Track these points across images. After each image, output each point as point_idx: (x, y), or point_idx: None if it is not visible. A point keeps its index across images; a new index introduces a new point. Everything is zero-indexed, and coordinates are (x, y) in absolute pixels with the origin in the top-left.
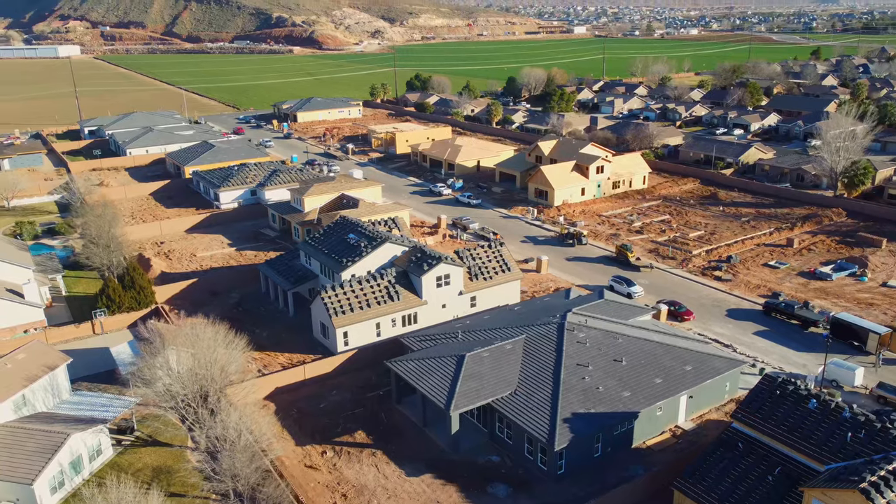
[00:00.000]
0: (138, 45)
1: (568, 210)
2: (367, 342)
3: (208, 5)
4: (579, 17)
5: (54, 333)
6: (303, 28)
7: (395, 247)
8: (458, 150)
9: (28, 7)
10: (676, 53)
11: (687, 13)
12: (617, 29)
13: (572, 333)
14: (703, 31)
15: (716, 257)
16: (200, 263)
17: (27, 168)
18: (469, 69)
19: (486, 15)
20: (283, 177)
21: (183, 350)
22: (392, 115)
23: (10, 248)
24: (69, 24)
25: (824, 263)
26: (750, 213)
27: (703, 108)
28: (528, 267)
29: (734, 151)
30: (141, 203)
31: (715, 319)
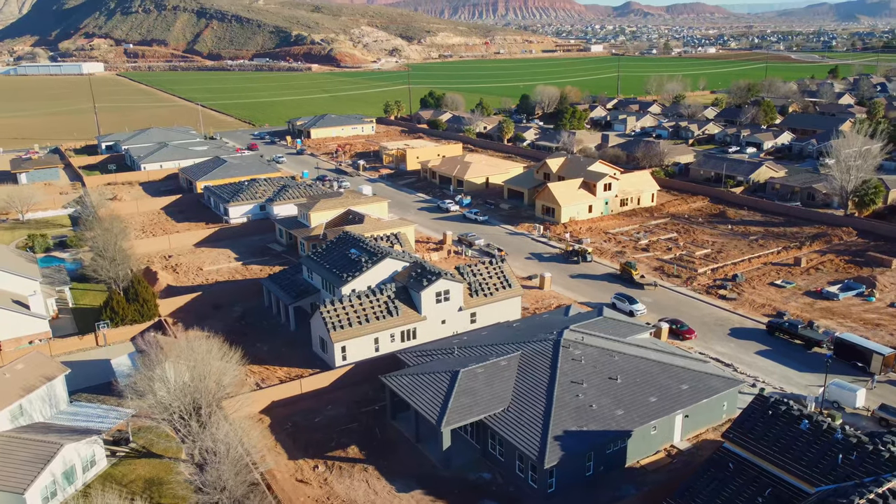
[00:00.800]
0: (160, 63)
1: (575, 227)
2: (366, 357)
3: (229, 24)
4: (597, 35)
5: (58, 345)
6: (321, 46)
7: (396, 262)
8: (467, 166)
9: (55, 25)
10: (692, 72)
11: (705, 32)
12: (634, 47)
13: (568, 350)
14: (721, 49)
15: (721, 276)
16: (206, 277)
17: (44, 182)
18: (484, 87)
19: (503, 33)
20: (291, 192)
21: (180, 362)
22: (405, 132)
23: (19, 260)
24: (94, 41)
25: (832, 283)
26: (758, 232)
27: (716, 126)
28: (531, 283)
29: (745, 170)
30: (152, 217)
31: (717, 338)
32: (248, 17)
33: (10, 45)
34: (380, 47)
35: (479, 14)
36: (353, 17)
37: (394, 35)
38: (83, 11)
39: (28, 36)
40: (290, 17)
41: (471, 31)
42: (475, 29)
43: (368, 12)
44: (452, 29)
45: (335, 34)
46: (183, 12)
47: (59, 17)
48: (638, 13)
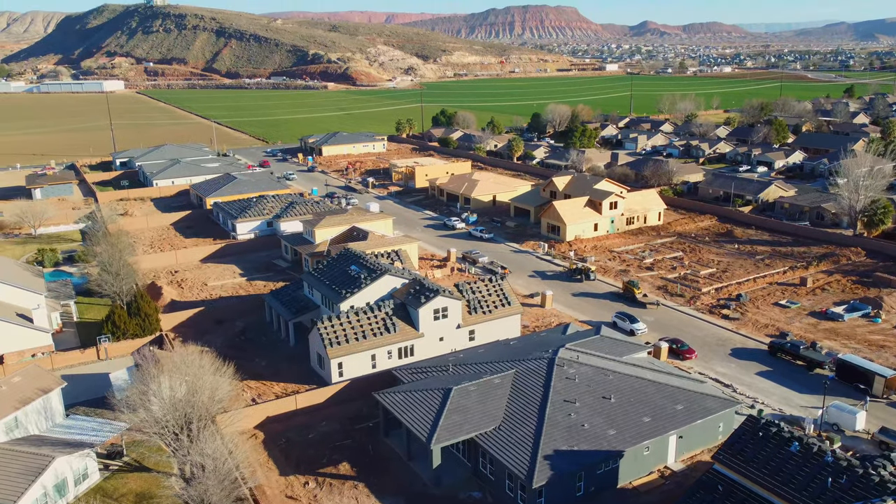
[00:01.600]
0: (179, 81)
1: (580, 245)
2: (363, 374)
3: (248, 43)
4: (613, 55)
5: (60, 358)
6: (337, 65)
7: (395, 279)
8: (474, 184)
9: (78, 44)
10: (706, 91)
11: (722, 51)
12: (650, 66)
13: (562, 369)
14: (737, 68)
15: (725, 295)
16: (210, 292)
17: (58, 197)
18: (498, 105)
19: (518, 52)
20: (299, 209)
21: (172, 377)
22: (416, 150)
23: (25, 274)
24: (115, 60)
25: (837, 304)
26: (765, 252)
27: (727, 145)
28: (532, 301)
29: (754, 189)
30: (161, 232)
31: (718, 358)
32: (266, 37)
33: (34, 63)
34: (395, 66)
35: (495, 33)
36: (370, 37)
37: (409, 54)
38: (106, 31)
39: (52, 55)
40: (307, 37)
41: (486, 50)
42: (491, 48)
43: (385, 31)
44: (468, 48)
45: (351, 53)
46: (202, 31)
47: (82, 37)
48: (654, 32)
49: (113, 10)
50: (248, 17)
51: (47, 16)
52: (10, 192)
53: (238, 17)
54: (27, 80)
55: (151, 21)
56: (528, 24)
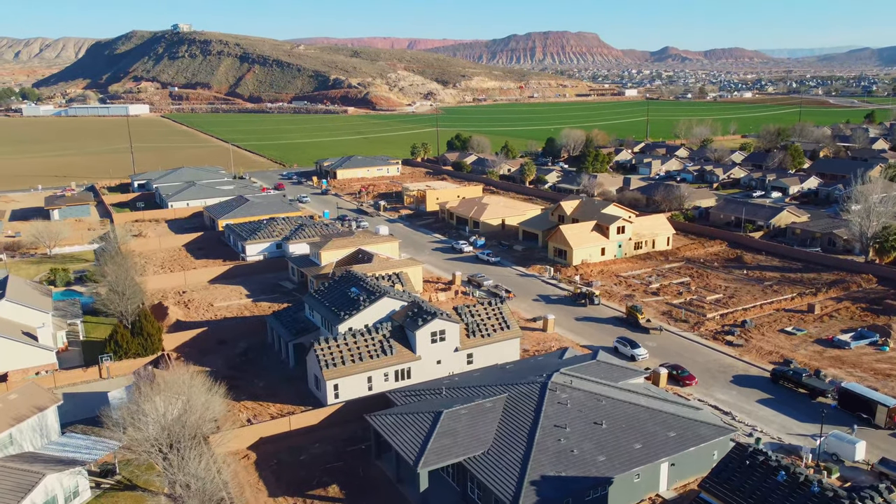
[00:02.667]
0: (203, 105)
1: (586, 270)
2: (359, 395)
3: (270, 68)
4: (633, 80)
5: (63, 376)
6: (358, 89)
7: (394, 301)
8: (483, 208)
9: (106, 69)
10: (724, 116)
11: (743, 77)
12: (669, 92)
13: (554, 394)
14: (758, 94)
15: (730, 321)
16: (216, 313)
17: (75, 218)
18: (515, 129)
19: (538, 78)
20: (308, 231)
21: (164, 396)
22: (430, 174)
23: (33, 293)
24: (141, 84)
25: (844, 331)
26: (774, 278)
27: (742, 170)
28: (534, 326)
29: (765, 214)
30: (173, 253)
31: (719, 385)
32: (288, 62)
33: (63, 87)
34: (415, 91)
35: (517, 59)
36: (391, 62)
37: (429, 79)
38: (133, 56)
39: (80, 79)
40: (329, 62)
41: (505, 76)
42: (510, 73)
43: (405, 57)
44: (487, 73)
45: (372, 78)
46: (227, 57)
47: (110, 62)
48: (676, 58)
49: (141, 37)
50: (272, 43)
51: (79, 42)
52: (30, 212)
53: (262, 42)
54: (56, 103)
55: (178, 47)
56: (549, 50)
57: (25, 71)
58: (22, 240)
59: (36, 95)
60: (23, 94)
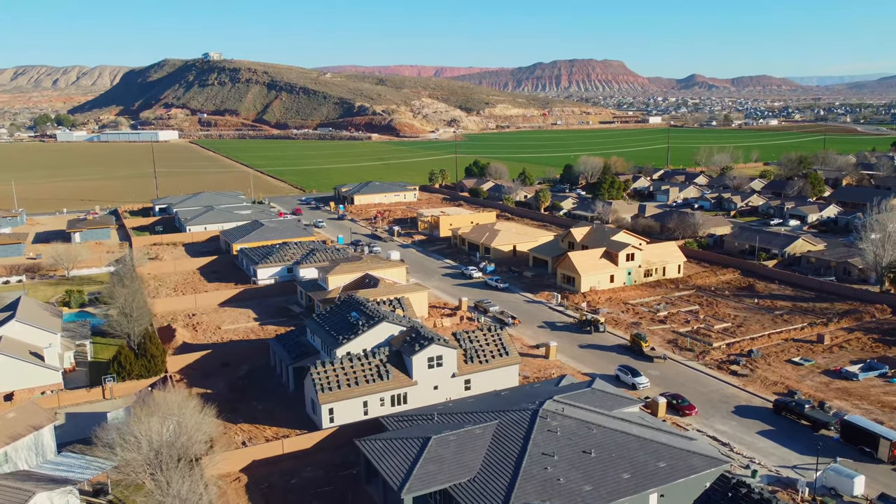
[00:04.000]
0: (231, 131)
1: (594, 297)
2: (354, 420)
3: (297, 95)
4: (658, 107)
5: (66, 396)
6: (382, 116)
7: (393, 326)
8: (495, 234)
9: (138, 96)
10: (747, 143)
11: (770, 104)
12: (694, 119)
13: (545, 421)
14: (784, 121)
15: (737, 351)
16: (222, 336)
17: (95, 241)
18: (536, 156)
19: (561, 105)
20: (319, 256)
21: (156, 417)
22: (447, 200)
23: (44, 314)
24: (171, 111)
25: (854, 362)
26: (786, 307)
27: (760, 198)
28: (537, 352)
29: (780, 242)
30: (187, 277)
31: (719, 415)
32: (315, 90)
33: (97, 114)
34: (439, 118)
35: (542, 87)
36: (415, 90)
37: (453, 106)
38: (164, 84)
39: (114, 106)
40: (354, 90)
41: (529, 103)
42: (534, 101)
43: (430, 85)
44: (511, 101)
45: (396, 105)
46: (255, 85)
47: (142, 89)
48: (702, 85)
49: (172, 65)
50: (299, 71)
51: (114, 69)
52: (53, 235)
53: (289, 70)
54: (89, 129)
55: (208, 74)
56: (575, 78)
57: (63, 98)
58: (42, 262)
59: (70, 121)
60: (58, 121)
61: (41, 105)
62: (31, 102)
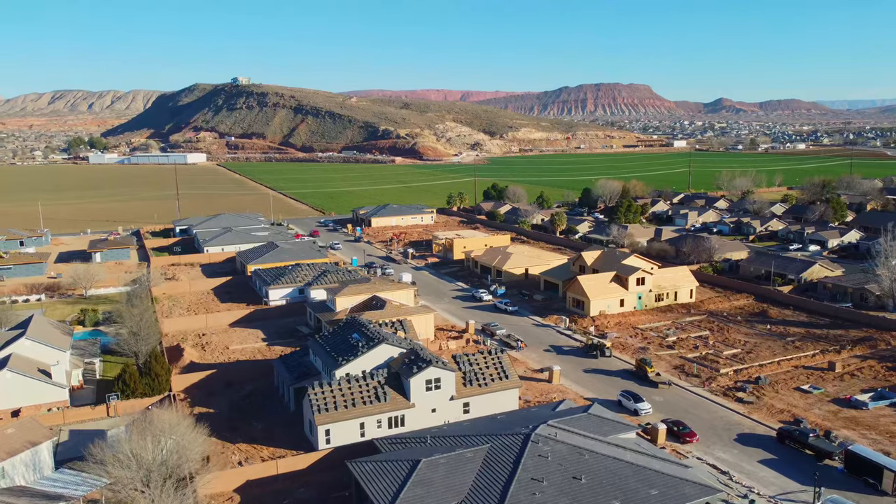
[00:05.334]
0: (257, 154)
1: (603, 321)
2: (351, 442)
3: (323, 119)
4: (684, 131)
5: (71, 413)
6: (406, 140)
7: (392, 348)
8: (507, 257)
9: (169, 120)
10: (771, 167)
11: (799, 128)
12: (720, 143)
13: (537, 446)
14: (812, 145)
15: (744, 377)
16: (230, 356)
17: (115, 261)
18: (556, 179)
19: (585, 129)
20: (330, 277)
21: (148, 436)
22: (464, 223)
23: (55, 332)
24: (200, 134)
25: (864, 391)
26: (798, 333)
27: (780, 222)
28: (541, 376)
29: (796, 268)
30: (201, 297)
31: (721, 443)
32: (340, 113)
33: (129, 136)
34: (462, 141)
35: (567, 110)
36: (440, 114)
37: (477, 130)
38: (194, 108)
39: (145, 129)
40: (379, 113)
41: (553, 127)
42: (557, 125)
43: (454, 108)
44: (535, 125)
45: (420, 129)
46: (282, 108)
47: (173, 113)
48: (730, 109)
49: (203, 89)
50: (325, 95)
51: (147, 94)
52: (75, 255)
53: (315, 95)
54: (120, 152)
55: (236, 99)
56: (601, 102)
57: (97, 121)
58: (62, 281)
59: (103, 144)
60: (91, 143)
61: (76, 128)
62: (66, 126)
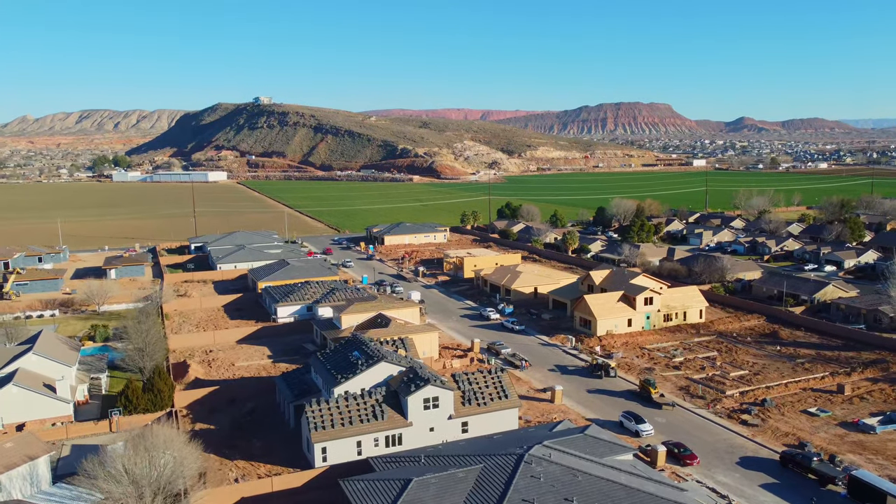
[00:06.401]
0: (277, 172)
1: (610, 341)
2: (348, 460)
3: (342, 138)
4: (705, 150)
5: (74, 428)
6: (424, 159)
7: (391, 366)
8: (517, 275)
9: (191, 138)
10: (790, 187)
11: (822, 147)
12: (740, 162)
13: (529, 466)
14: (834, 165)
15: (750, 399)
16: (234, 372)
17: (130, 278)
18: (573, 198)
19: (604, 148)
20: (338, 295)
21: (140, 452)
22: (476, 241)
23: (62, 347)
24: (222, 153)
25: (873, 414)
26: (808, 355)
27: (796, 242)
28: (543, 396)
29: (809, 288)
30: (211, 313)
31: (723, 466)
32: (359, 132)
33: (152, 155)
34: (480, 160)
35: (587, 129)
36: (458, 132)
37: (495, 149)
38: (216, 127)
39: (168, 148)
40: (398, 132)
41: (571, 146)
42: (576, 143)
43: (473, 128)
44: (553, 143)
45: (438, 148)
46: (302, 128)
47: (195, 132)
48: (752, 128)
49: (225, 109)
50: (345, 115)
51: (172, 113)
52: (91, 271)
53: (335, 114)
54: (143, 170)
55: (257, 118)
56: (621, 121)
57: (122, 140)
58: (76, 297)
59: (126, 162)
60: (115, 161)
61: (102, 147)
62: (93, 144)
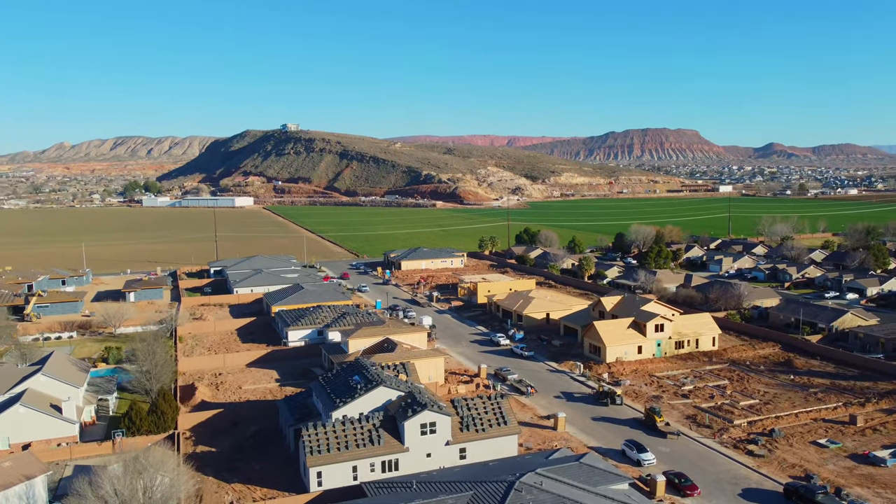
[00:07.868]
0: (302, 198)
1: (619, 368)
2: (343, 485)
3: (367, 164)
4: (733, 176)
5: (79, 449)
6: (447, 184)
7: (390, 391)
8: (529, 301)
9: (220, 164)
10: (815, 213)
11: (853, 173)
12: (767, 188)
13: (520, 494)
14: (865, 191)
15: (758, 429)
16: (241, 395)
17: (147, 301)
18: (595, 224)
19: (628, 174)
20: (349, 319)
21: (129, 474)
22: (493, 267)
23: (72, 368)
24: (249, 178)
25: (885, 446)
26: (823, 384)
27: (817, 269)
28: (546, 423)
29: (827, 316)
30: (224, 336)
31: (724, 498)
32: (384, 158)
33: (182, 181)
34: (503, 186)
35: (614, 155)
36: (482, 159)
37: (519, 175)
38: (244, 153)
39: (197, 174)
40: (422, 158)
41: (595, 172)
42: (600, 170)
43: (497, 154)
44: (577, 169)
45: (462, 174)
46: (328, 154)
47: (224, 158)
48: (781, 154)
49: (253, 136)
50: (370, 141)
51: (203, 140)
52: (111, 294)
53: (361, 140)
54: (173, 195)
55: (284, 144)
56: (647, 147)
57: (154, 166)
58: (94, 319)
59: (157, 188)
60: (146, 187)
61: (135, 172)
62: (126, 170)
